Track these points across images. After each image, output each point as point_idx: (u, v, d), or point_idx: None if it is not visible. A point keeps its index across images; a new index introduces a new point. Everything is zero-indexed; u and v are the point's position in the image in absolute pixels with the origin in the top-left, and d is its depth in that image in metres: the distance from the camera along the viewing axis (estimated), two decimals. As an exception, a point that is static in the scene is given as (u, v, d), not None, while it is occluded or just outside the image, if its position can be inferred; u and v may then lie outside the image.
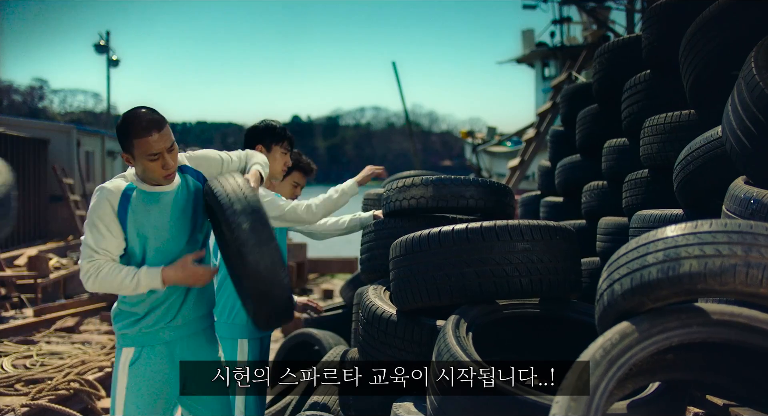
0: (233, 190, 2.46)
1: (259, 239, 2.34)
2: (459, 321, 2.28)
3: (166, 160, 2.53)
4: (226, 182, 2.52)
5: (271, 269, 2.34)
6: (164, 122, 2.56)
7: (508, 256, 2.41)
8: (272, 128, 3.49)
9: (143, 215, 2.60)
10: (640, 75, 3.82)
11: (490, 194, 3.23)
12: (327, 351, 4.65)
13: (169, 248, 2.65)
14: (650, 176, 3.52)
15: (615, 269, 1.80)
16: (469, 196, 3.20)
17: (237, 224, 2.36)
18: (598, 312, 1.88)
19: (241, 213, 2.37)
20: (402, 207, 3.28)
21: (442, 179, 3.27)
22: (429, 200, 3.24)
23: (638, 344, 1.67)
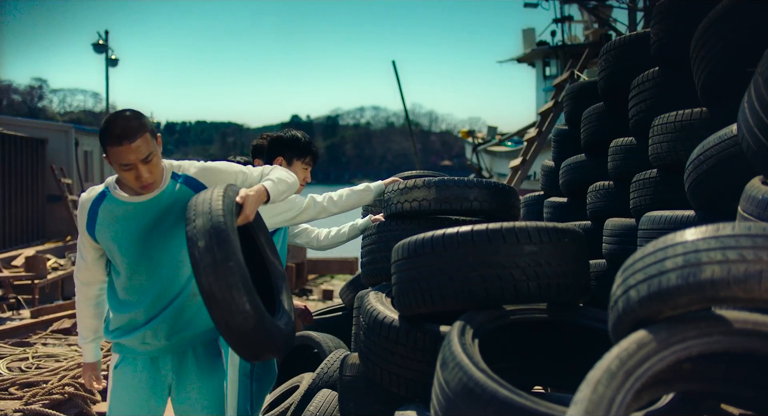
0: (201, 203, 2.26)
1: (214, 260, 2.12)
2: (464, 327, 2.18)
3: (139, 171, 2.40)
4: (202, 193, 2.33)
5: (227, 294, 2.11)
6: (140, 131, 2.37)
7: (515, 259, 2.31)
8: (297, 141, 3.40)
9: (110, 226, 2.51)
10: (648, 72, 3.72)
11: (495, 196, 3.15)
12: (326, 354, 4.57)
13: (156, 260, 2.53)
14: (659, 176, 3.43)
15: (631, 275, 1.70)
16: (473, 198, 3.12)
17: (193, 242, 2.16)
18: (612, 319, 1.78)
19: (199, 230, 2.17)
20: (404, 209, 3.19)
21: (445, 180, 3.18)
22: (432, 203, 3.15)
23: (656, 354, 1.58)
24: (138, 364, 2.60)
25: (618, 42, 4.29)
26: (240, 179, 2.64)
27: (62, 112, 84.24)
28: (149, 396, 2.60)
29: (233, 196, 2.39)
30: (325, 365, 4.17)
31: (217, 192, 2.32)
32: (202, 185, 2.55)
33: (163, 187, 2.52)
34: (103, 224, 2.51)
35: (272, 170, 2.72)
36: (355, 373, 3.02)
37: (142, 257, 2.51)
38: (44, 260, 11.56)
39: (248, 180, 2.65)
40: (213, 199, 2.27)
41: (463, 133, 24.18)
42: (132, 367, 2.60)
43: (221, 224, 2.18)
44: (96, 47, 25.66)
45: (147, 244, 2.50)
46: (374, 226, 3.37)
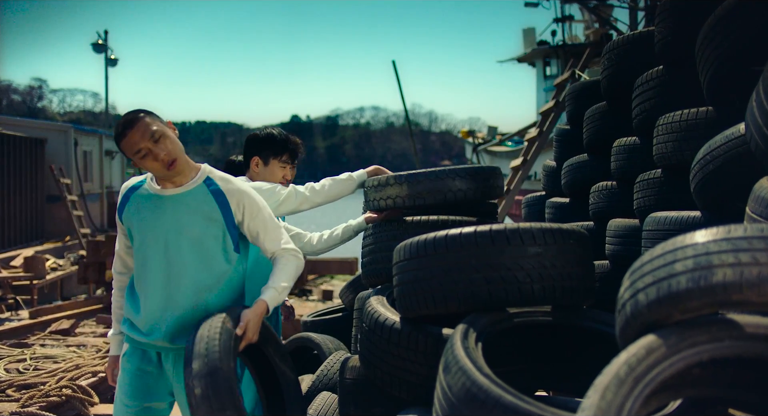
0: (198, 342, 2.27)
1: (210, 410, 2.13)
2: (467, 331, 2.14)
3: (154, 152, 2.42)
4: (203, 327, 2.34)
5: None
6: (139, 118, 2.43)
7: (519, 261, 2.27)
8: (271, 139, 3.32)
9: (135, 214, 2.56)
10: (652, 71, 3.68)
11: (472, 182, 3.08)
12: (326, 356, 4.52)
13: (168, 258, 2.53)
14: (663, 177, 3.39)
15: (639, 278, 1.66)
16: (447, 190, 3.06)
17: (190, 389, 2.17)
18: (620, 323, 1.74)
19: (196, 375, 2.17)
20: (380, 207, 3.16)
21: (416, 174, 3.09)
22: (406, 199, 3.09)
23: (666, 359, 1.54)
24: (145, 355, 2.62)
25: (621, 41, 4.25)
26: (262, 216, 2.65)
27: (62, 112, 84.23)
28: (148, 388, 2.61)
29: (232, 328, 2.40)
30: (325, 367, 4.13)
31: (215, 328, 2.32)
32: (226, 202, 2.56)
33: (191, 186, 2.55)
34: (130, 211, 2.56)
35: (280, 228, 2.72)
36: (355, 376, 2.98)
37: (155, 253, 2.52)
38: (43, 260, 11.52)
39: (269, 213, 2.69)
40: (210, 337, 2.28)
41: (464, 133, 24.12)
42: (138, 356, 2.62)
43: (217, 369, 2.19)
44: (95, 47, 25.62)
45: (161, 240, 2.52)
46: (374, 226, 3.32)
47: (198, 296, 2.55)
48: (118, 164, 22.43)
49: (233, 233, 2.59)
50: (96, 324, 9.17)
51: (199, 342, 2.28)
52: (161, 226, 2.51)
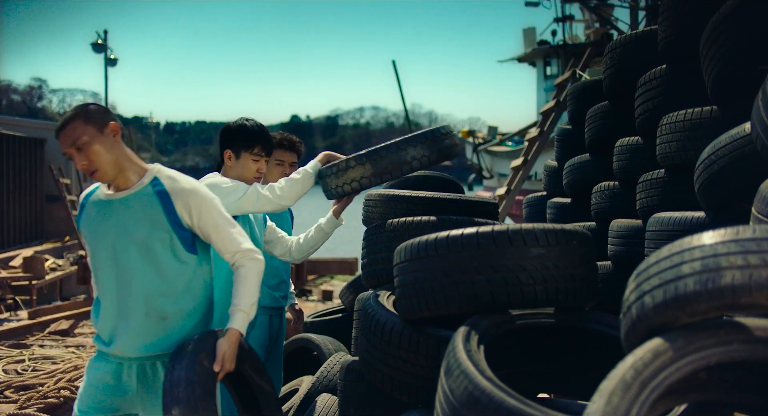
0: (177, 383, 2.25)
1: None
2: (469, 333, 2.10)
3: (74, 159, 2.38)
4: (179, 367, 2.30)
5: None
6: (71, 122, 2.37)
7: (521, 262, 2.23)
8: (242, 130, 3.14)
9: (87, 222, 2.50)
10: (655, 70, 3.65)
11: (429, 147, 3.10)
12: (326, 357, 4.49)
13: (118, 265, 2.44)
14: (667, 177, 3.35)
15: (645, 280, 1.63)
16: (410, 158, 3.06)
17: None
18: (625, 326, 1.71)
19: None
20: (344, 192, 3.12)
21: (376, 150, 3.06)
22: (372, 179, 3.04)
23: (673, 363, 1.50)
24: (107, 364, 2.50)
25: (624, 39, 4.21)
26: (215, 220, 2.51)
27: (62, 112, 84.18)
28: (109, 402, 2.49)
29: (209, 365, 2.35)
30: (324, 368, 4.10)
31: (192, 369, 2.28)
32: (170, 203, 2.44)
33: (137, 188, 2.44)
34: (84, 219, 2.51)
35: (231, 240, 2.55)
36: (355, 378, 2.96)
37: (106, 259, 2.44)
38: (42, 260, 11.48)
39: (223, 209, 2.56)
40: (187, 380, 2.25)
41: (464, 133, 24.04)
42: (103, 364, 2.51)
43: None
44: (95, 47, 25.58)
45: (110, 246, 2.42)
46: (374, 226, 3.29)
47: (150, 303, 2.43)
48: (117, 164, 22.34)
49: (182, 235, 2.45)
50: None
51: (177, 384, 2.24)
52: (109, 232, 2.42)
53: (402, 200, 3.54)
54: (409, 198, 3.54)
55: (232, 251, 2.52)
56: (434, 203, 3.47)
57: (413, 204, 3.51)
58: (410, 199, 3.53)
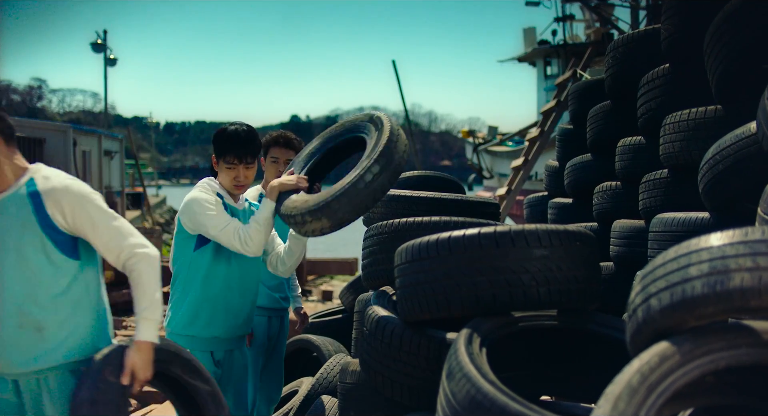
0: (81, 404, 2.16)
1: None
2: (471, 336, 2.07)
3: None
4: (84, 387, 2.21)
5: None
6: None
7: (524, 264, 2.20)
8: (218, 136, 3.04)
9: None
10: (658, 69, 3.61)
11: (384, 162, 2.80)
12: (326, 358, 4.46)
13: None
14: (670, 177, 3.32)
15: (651, 282, 1.60)
16: (371, 191, 2.78)
17: None
18: (631, 329, 1.67)
19: None
20: (314, 236, 2.92)
21: (327, 202, 2.74)
22: (336, 227, 2.82)
23: (680, 368, 1.47)
24: (2, 382, 2.31)
25: (626, 38, 4.18)
26: (97, 225, 2.28)
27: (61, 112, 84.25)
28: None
29: (116, 380, 2.23)
30: (324, 370, 4.07)
31: (96, 387, 2.19)
32: (41, 204, 2.24)
33: (11, 190, 2.26)
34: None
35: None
36: (356, 380, 2.92)
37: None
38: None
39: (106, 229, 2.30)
40: (92, 399, 2.17)
41: (464, 133, 24.00)
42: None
43: None
44: (94, 47, 25.56)
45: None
46: (375, 227, 3.25)
47: (23, 313, 2.22)
48: (117, 164, 22.38)
49: (57, 238, 2.24)
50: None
51: (80, 407, 2.16)
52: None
53: (402, 200, 3.51)
54: (410, 198, 3.50)
55: (116, 251, 2.30)
56: (435, 204, 3.43)
57: (414, 204, 3.48)
58: (410, 199, 3.49)
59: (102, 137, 20.73)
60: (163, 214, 32.08)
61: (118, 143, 22.69)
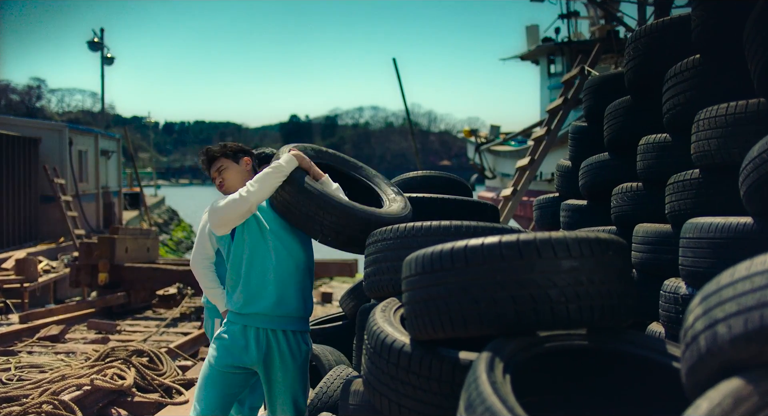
0: None
1: None
2: (493, 360, 1.80)
3: None
4: None
5: None
6: None
7: (552, 277, 1.94)
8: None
9: None
10: (687, 61, 3.32)
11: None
12: (326, 369, 4.22)
13: None
14: (702, 178, 3.04)
15: (717, 305, 1.33)
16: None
17: None
18: (690, 359, 1.40)
19: None
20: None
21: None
22: None
23: (760, 411, 1.20)
24: None
25: (650, 28, 3.88)
26: None
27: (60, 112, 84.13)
28: None
29: None
30: (324, 384, 3.83)
31: None
32: None
33: None
34: None
35: None
36: (359, 402, 2.68)
37: None
38: (35, 262, 11.19)
39: None
40: None
41: (466, 132, 23.65)
42: None
43: None
44: (91, 45, 25.26)
45: None
46: (380, 232, 2.98)
47: None
48: (114, 164, 22.11)
49: None
50: (87, 329, 8.84)
51: None
52: None
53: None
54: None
55: None
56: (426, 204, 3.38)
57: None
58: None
59: (99, 136, 20.43)
60: (161, 214, 31.82)
61: (115, 142, 22.41)
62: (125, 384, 5.14)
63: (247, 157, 3.34)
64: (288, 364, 3.15)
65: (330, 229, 3.10)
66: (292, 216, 3.12)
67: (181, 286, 9.87)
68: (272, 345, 3.12)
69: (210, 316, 3.82)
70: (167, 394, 5.35)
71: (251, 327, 3.10)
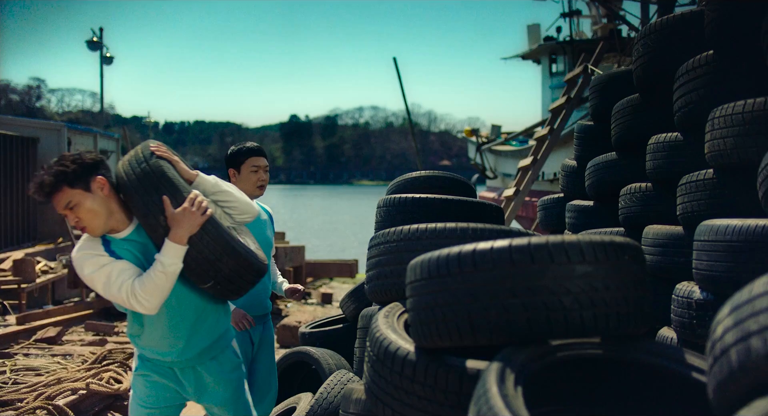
0: None
1: None
2: (504, 371, 1.71)
3: None
4: None
5: None
6: None
7: (565, 283, 1.84)
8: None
9: None
10: (700, 57, 3.22)
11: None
12: (326, 373, 4.14)
13: None
14: (717, 178, 2.94)
15: (750, 316, 1.23)
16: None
17: None
18: (719, 375, 1.31)
19: None
20: None
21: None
22: None
23: (800, 434, 1.11)
24: None
25: (661, 23, 3.77)
26: None
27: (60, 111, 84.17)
28: None
29: None
30: (324, 390, 3.74)
31: None
32: None
33: None
34: None
35: None
36: (360, 411, 2.57)
37: None
38: (32, 263, 11.08)
39: None
40: None
41: (467, 132, 23.50)
42: None
43: None
44: (90, 44, 25.16)
45: None
46: (383, 234, 2.89)
47: None
48: (113, 164, 22.04)
49: None
50: (84, 331, 8.75)
51: None
52: None
53: (396, 204, 3.41)
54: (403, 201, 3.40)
55: None
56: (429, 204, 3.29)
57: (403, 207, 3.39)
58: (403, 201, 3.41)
59: (98, 136, 20.36)
60: (161, 214, 31.69)
61: (114, 142, 22.34)
62: (121, 388, 5.05)
63: (99, 176, 2.55)
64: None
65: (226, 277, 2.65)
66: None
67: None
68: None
69: None
70: (165, 398, 5.26)
71: None
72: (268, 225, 3.80)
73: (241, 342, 3.57)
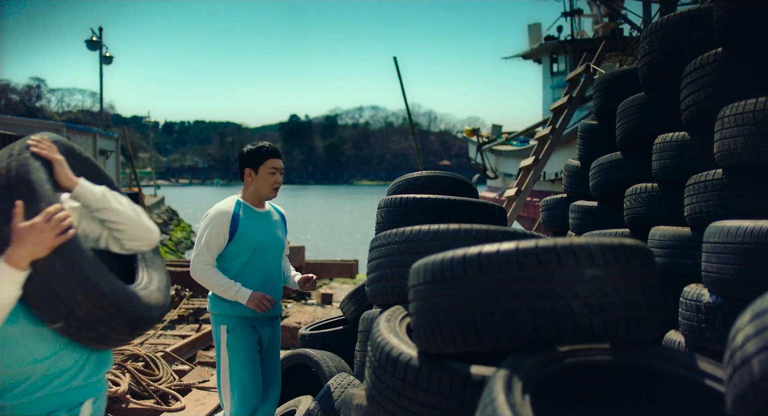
0: None
1: None
2: (511, 379, 1.64)
3: None
4: None
5: None
6: None
7: (573, 287, 1.77)
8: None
9: None
10: (708, 55, 3.15)
11: None
12: (326, 376, 4.08)
13: None
14: (726, 178, 2.87)
15: (774, 324, 1.17)
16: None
17: None
18: (740, 385, 1.24)
19: None
20: None
21: None
22: None
23: (829, 450, 1.04)
24: None
25: (667, 20, 3.70)
26: None
27: (60, 111, 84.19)
28: None
29: None
30: (325, 393, 3.69)
31: None
32: None
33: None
34: None
35: None
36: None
37: None
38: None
39: None
40: None
41: (468, 131, 23.41)
42: None
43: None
44: (89, 44, 25.11)
45: None
46: (384, 235, 2.82)
47: None
48: (113, 164, 21.99)
49: None
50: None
51: None
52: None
53: (396, 204, 3.36)
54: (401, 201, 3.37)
55: None
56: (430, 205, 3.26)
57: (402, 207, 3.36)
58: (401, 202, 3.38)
59: (97, 135, 20.32)
60: (161, 214, 31.66)
61: (113, 142, 22.30)
62: (119, 390, 4.98)
63: None
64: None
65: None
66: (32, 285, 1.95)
67: (179, 288, 9.70)
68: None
69: (217, 323, 3.67)
70: (163, 401, 5.19)
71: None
72: (280, 225, 3.80)
73: (250, 342, 3.60)
